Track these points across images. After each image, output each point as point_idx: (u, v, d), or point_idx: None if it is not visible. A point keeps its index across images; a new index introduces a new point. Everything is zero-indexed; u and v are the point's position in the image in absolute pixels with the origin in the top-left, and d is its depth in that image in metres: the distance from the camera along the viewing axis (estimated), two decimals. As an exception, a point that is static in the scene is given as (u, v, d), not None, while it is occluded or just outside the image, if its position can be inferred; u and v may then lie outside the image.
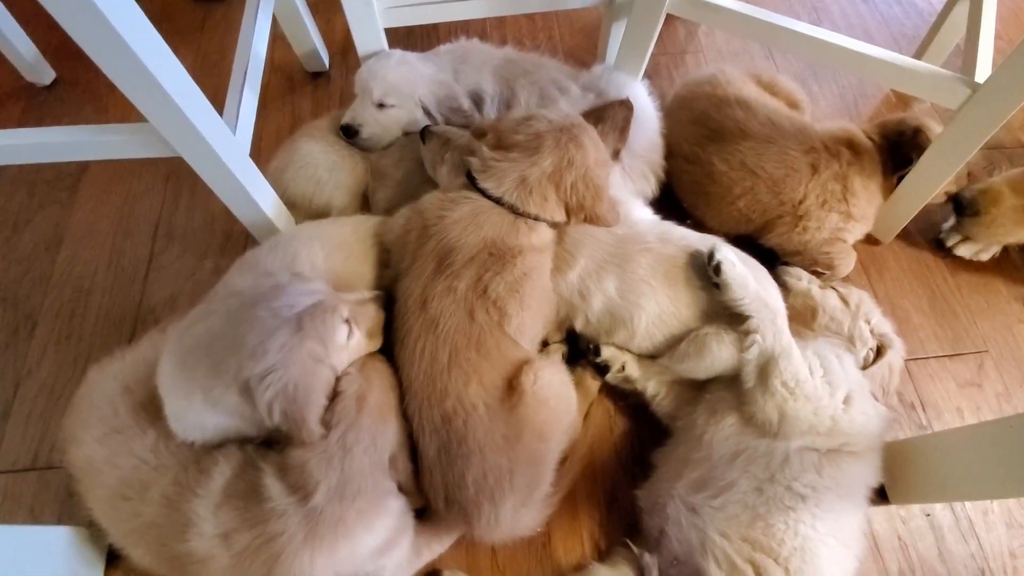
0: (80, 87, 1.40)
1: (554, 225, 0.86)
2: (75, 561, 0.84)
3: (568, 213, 0.85)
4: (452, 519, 0.80)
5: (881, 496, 0.90)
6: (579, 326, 0.95)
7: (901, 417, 1.00)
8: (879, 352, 0.93)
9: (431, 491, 0.79)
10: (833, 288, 0.98)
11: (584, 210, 0.84)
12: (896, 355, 0.94)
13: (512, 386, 0.79)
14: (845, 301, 0.96)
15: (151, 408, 0.74)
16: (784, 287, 0.98)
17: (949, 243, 1.15)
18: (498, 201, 0.82)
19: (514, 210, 0.82)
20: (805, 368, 0.83)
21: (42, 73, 1.37)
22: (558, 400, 0.83)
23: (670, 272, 0.89)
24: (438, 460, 0.77)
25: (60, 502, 0.93)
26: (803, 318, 0.96)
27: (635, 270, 0.89)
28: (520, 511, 0.80)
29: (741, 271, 0.85)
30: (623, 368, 0.95)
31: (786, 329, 0.85)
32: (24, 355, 1.07)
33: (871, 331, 0.93)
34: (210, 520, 0.68)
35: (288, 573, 0.67)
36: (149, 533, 0.71)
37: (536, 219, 0.83)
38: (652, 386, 0.95)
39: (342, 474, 0.69)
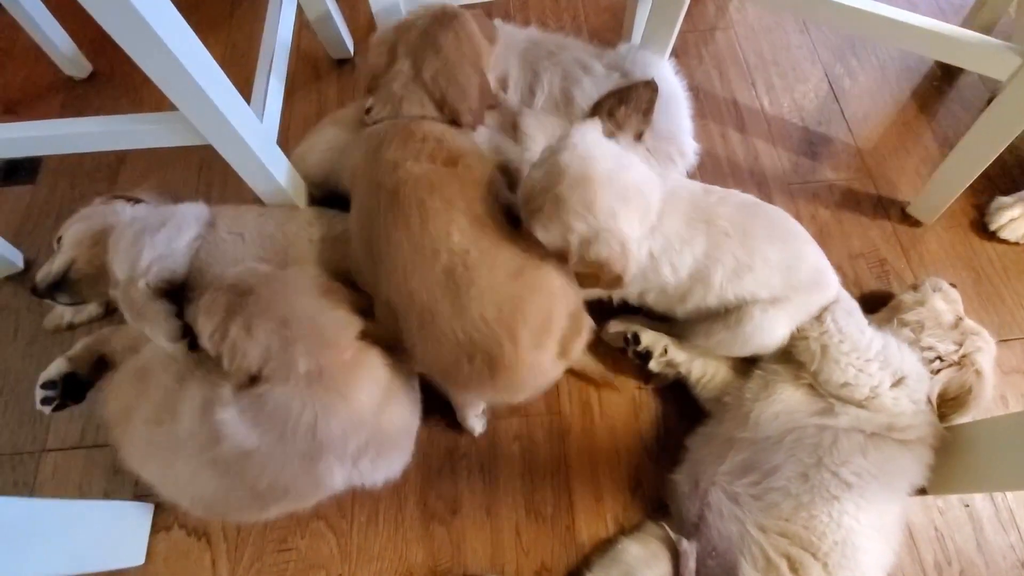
0: (116, 80, 1.44)
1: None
2: (121, 533, 0.89)
3: (439, 108, 0.89)
4: (477, 371, 0.77)
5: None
6: (651, 299, 0.90)
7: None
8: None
9: (457, 349, 0.77)
10: (961, 318, 0.92)
11: (447, 104, 0.88)
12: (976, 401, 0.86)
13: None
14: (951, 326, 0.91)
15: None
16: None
17: (993, 226, 1.09)
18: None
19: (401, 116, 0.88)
20: (863, 326, 0.84)
21: (79, 66, 1.41)
22: None
23: (745, 224, 0.84)
24: (454, 315, 0.76)
25: (107, 478, 0.97)
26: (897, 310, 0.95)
27: (717, 222, 0.83)
28: (537, 352, 0.77)
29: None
30: (665, 352, 0.92)
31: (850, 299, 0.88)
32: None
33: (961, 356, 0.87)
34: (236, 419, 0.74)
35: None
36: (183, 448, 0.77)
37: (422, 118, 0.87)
38: (697, 368, 0.92)
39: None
